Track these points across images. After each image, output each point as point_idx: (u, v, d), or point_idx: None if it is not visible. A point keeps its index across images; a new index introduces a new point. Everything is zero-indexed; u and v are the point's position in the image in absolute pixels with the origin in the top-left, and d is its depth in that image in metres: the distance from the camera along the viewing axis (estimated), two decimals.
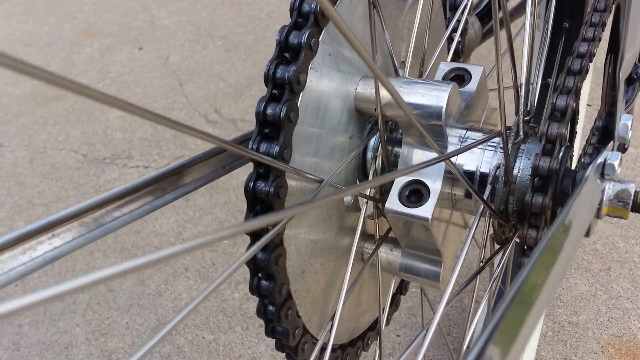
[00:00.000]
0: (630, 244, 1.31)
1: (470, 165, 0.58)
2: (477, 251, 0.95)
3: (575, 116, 0.62)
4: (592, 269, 1.27)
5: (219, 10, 2.55)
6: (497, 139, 0.58)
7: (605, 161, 0.53)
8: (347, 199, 0.61)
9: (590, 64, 0.61)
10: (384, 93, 0.55)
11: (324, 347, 0.58)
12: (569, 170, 0.55)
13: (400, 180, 0.58)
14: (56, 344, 1.25)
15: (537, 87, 0.66)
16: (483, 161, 0.58)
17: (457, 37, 0.74)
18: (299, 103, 0.49)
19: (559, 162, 0.52)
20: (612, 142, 0.66)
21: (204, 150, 0.53)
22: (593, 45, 0.61)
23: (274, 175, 0.49)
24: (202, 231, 1.49)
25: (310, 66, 0.50)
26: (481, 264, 0.65)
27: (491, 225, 0.63)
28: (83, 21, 2.60)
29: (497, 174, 0.56)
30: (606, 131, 0.69)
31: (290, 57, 0.48)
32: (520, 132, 0.57)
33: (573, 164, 0.61)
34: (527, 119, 0.58)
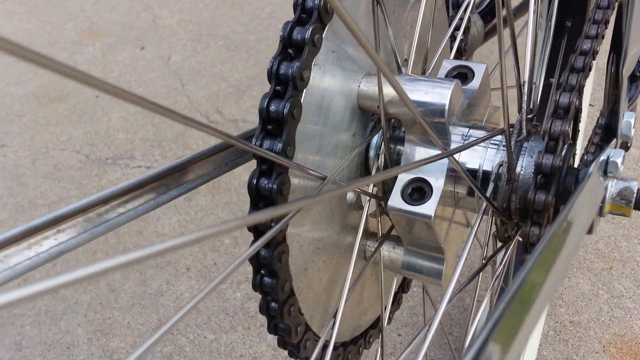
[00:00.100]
0: (633, 243, 1.31)
1: (473, 163, 0.58)
2: (480, 250, 0.95)
3: (578, 114, 0.62)
4: (594, 268, 1.27)
5: (220, 10, 2.55)
6: (500, 136, 0.58)
7: (608, 159, 0.53)
8: (350, 197, 0.61)
9: (593, 62, 0.61)
10: (387, 90, 0.55)
11: (326, 344, 0.58)
12: (572, 168, 0.55)
13: (403, 178, 0.58)
14: (58, 344, 1.25)
15: (540, 86, 0.66)
16: (486, 159, 0.58)
17: (459, 35, 0.74)
18: (302, 100, 0.49)
19: (562, 160, 0.52)
20: (615, 139, 0.66)
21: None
22: (596, 43, 0.61)
23: (277, 172, 0.49)
24: None
25: (313, 63, 0.50)
26: (483, 262, 0.65)
27: (493, 223, 0.64)
28: (85, 20, 2.61)
29: (499, 171, 0.56)
30: (609, 129, 0.69)
31: (293, 53, 0.49)
32: (523, 129, 0.57)
33: (576, 162, 0.61)
34: (530, 117, 0.58)
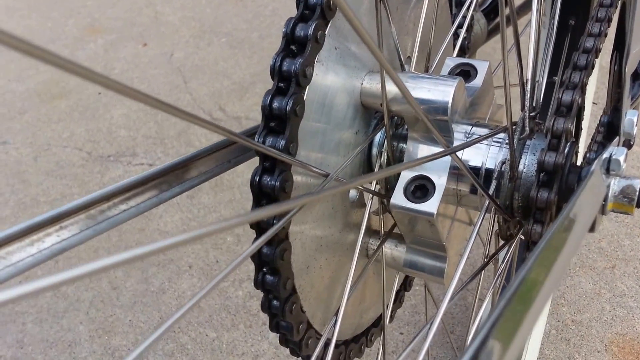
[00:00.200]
0: (636, 242, 1.31)
1: (475, 161, 0.58)
2: (482, 249, 0.95)
3: (581, 112, 0.62)
4: (597, 267, 1.27)
5: (223, 7, 2.55)
6: (503, 134, 0.58)
7: (610, 156, 0.53)
8: (353, 194, 0.61)
9: (596, 60, 0.61)
10: (389, 88, 0.55)
11: (327, 342, 0.58)
12: (575, 165, 0.55)
13: (406, 175, 0.58)
14: (60, 342, 1.25)
15: (543, 84, 0.66)
16: (488, 157, 0.57)
17: (462, 33, 0.74)
18: (305, 97, 0.49)
19: (565, 157, 0.52)
20: (617, 137, 0.66)
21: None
22: (599, 41, 0.61)
23: (279, 169, 0.49)
24: None
25: (316, 59, 0.50)
26: (485, 260, 0.65)
27: (496, 221, 0.63)
28: (87, 16, 2.61)
29: (502, 169, 0.56)
30: (612, 127, 0.69)
31: (296, 50, 0.48)
32: (526, 127, 0.57)
33: (579, 160, 0.61)
34: (532, 114, 0.58)
